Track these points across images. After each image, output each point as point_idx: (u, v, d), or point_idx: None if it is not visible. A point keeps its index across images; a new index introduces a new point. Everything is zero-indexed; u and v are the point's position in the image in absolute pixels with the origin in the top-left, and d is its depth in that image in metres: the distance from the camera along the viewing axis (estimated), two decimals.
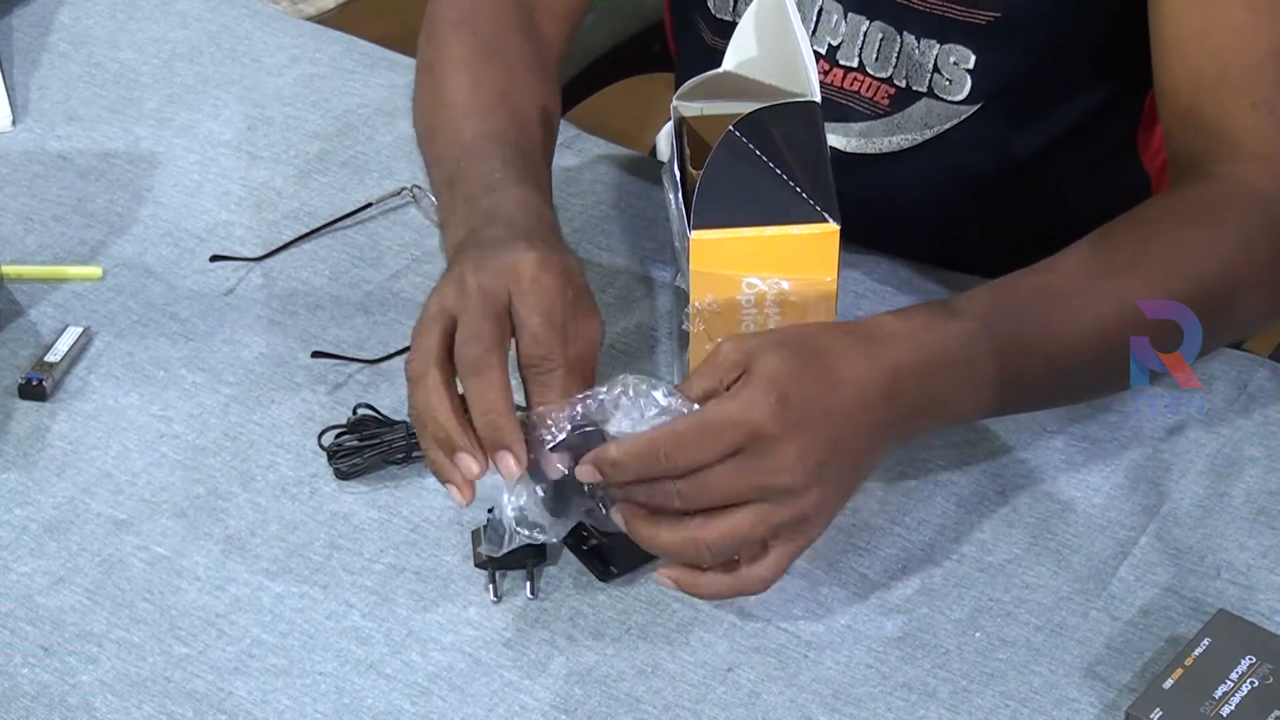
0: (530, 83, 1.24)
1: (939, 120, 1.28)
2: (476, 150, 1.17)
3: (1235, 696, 0.99)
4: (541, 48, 1.28)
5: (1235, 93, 1.14)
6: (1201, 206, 1.13)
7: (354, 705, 1.04)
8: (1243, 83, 1.14)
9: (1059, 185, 1.33)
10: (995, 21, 1.22)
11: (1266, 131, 1.14)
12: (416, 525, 1.14)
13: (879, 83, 1.29)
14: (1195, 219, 1.13)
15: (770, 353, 0.99)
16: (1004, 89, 1.26)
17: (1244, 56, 1.13)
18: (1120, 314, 1.08)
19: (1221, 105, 1.14)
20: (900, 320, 1.04)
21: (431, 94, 1.25)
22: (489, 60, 1.25)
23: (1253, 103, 1.14)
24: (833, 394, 0.99)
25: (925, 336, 1.03)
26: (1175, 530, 1.12)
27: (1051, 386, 1.11)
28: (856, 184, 1.25)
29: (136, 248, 1.35)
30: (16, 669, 1.07)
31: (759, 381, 0.98)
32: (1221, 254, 1.11)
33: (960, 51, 1.24)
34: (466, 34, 1.27)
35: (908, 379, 1.02)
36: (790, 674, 1.05)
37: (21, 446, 1.20)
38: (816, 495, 1.00)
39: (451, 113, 1.22)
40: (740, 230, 1.05)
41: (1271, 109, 1.13)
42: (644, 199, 1.36)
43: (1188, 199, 1.14)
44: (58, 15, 1.58)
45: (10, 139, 1.45)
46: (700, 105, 1.14)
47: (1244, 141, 1.14)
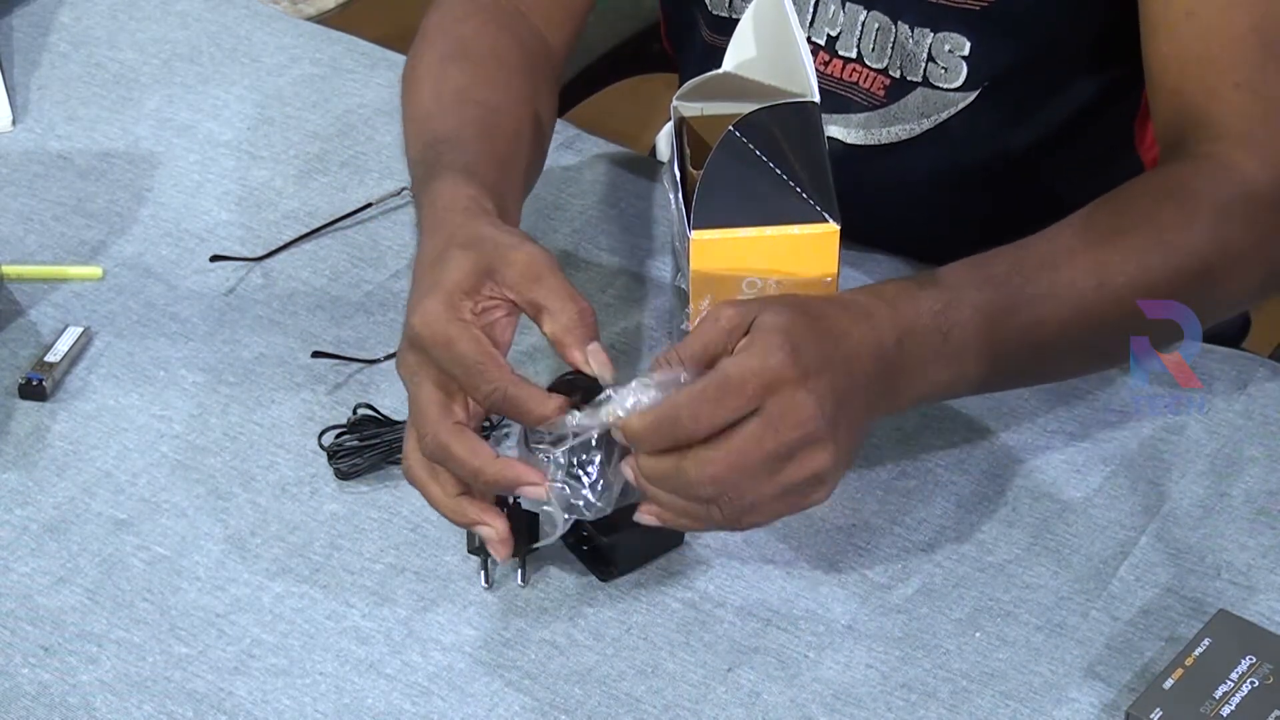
0: (501, 79, 1.23)
1: (935, 109, 1.28)
2: (425, 158, 1.16)
3: (1235, 696, 0.99)
4: (527, 45, 1.27)
5: (1219, 73, 1.14)
6: (1179, 183, 1.13)
7: (354, 705, 1.04)
8: (1227, 63, 1.14)
9: (1057, 178, 1.34)
10: (989, 8, 1.23)
11: (1249, 111, 1.14)
12: (416, 525, 1.14)
13: (875, 73, 1.29)
14: (1172, 195, 1.13)
15: (771, 310, 0.99)
16: (1000, 77, 1.26)
17: (1228, 36, 1.14)
18: (1099, 287, 1.08)
19: (1206, 85, 1.15)
20: (874, 291, 1.05)
21: (404, 102, 1.25)
22: (454, 62, 1.24)
23: (1236, 82, 1.14)
24: (836, 347, 1.00)
25: (900, 304, 1.04)
26: (1175, 530, 1.12)
27: (1032, 357, 1.10)
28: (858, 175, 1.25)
29: (136, 248, 1.35)
30: (16, 669, 1.07)
31: (769, 334, 0.98)
32: (1197, 231, 1.11)
33: (955, 39, 1.25)
34: (440, 38, 1.27)
35: (888, 345, 1.02)
36: (790, 674, 1.05)
37: (21, 446, 1.20)
38: (831, 451, 0.99)
39: (413, 123, 1.22)
40: (740, 230, 1.05)
41: (1254, 89, 1.14)
42: (644, 199, 1.36)
43: (1167, 176, 1.15)
44: (58, 15, 1.58)
45: (10, 139, 1.45)
46: (700, 105, 1.14)
47: (1227, 121, 1.14)
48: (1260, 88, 1.14)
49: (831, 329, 1.00)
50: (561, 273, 1.04)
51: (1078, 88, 1.30)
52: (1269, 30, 1.14)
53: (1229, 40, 1.14)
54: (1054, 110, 1.30)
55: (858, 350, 1.01)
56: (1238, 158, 1.13)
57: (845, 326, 1.01)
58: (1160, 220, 1.11)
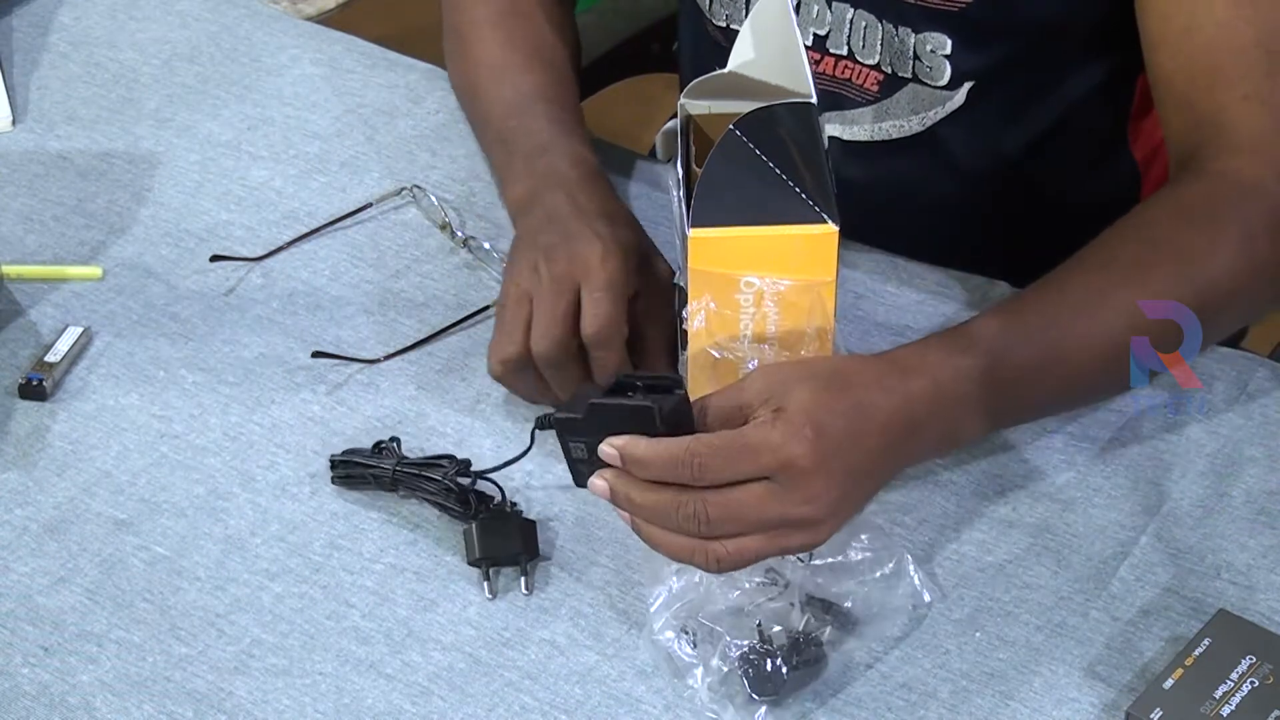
0: (558, 40, 1.34)
1: (925, 106, 1.29)
2: (521, 108, 1.28)
3: (1235, 696, 0.99)
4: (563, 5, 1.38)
5: (1226, 85, 1.15)
6: (1203, 206, 1.13)
7: (354, 705, 1.04)
8: (1233, 75, 1.14)
9: (1051, 176, 1.34)
10: (968, 8, 1.23)
11: (1260, 122, 1.14)
12: (416, 525, 1.14)
13: (868, 69, 1.29)
14: (1197, 220, 1.13)
15: (802, 385, 1.00)
16: (986, 76, 1.27)
17: (1231, 49, 1.14)
18: (1130, 325, 1.09)
19: (1214, 98, 1.15)
20: (916, 353, 1.05)
21: (466, 55, 1.35)
22: (516, 20, 1.35)
23: (1244, 94, 1.14)
24: (860, 425, 1.00)
25: (941, 374, 1.04)
26: (1175, 530, 1.12)
27: (1060, 404, 1.15)
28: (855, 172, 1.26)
29: (136, 248, 1.35)
30: (16, 669, 1.07)
31: (795, 414, 0.98)
32: (1225, 255, 1.11)
33: (937, 38, 1.25)
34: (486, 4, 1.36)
35: (921, 413, 1.03)
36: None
37: (21, 446, 1.20)
38: (829, 528, 1.01)
39: (490, 71, 1.32)
40: (739, 229, 1.05)
41: (1263, 99, 1.14)
42: (644, 199, 1.36)
43: (1188, 199, 1.14)
44: (58, 15, 1.58)
45: (10, 139, 1.45)
46: (707, 104, 1.14)
47: (1239, 133, 1.14)
48: (1269, 98, 1.14)
49: (857, 402, 1.01)
50: None
51: (1069, 86, 1.30)
52: (1272, 41, 1.14)
53: (1234, 52, 1.14)
54: (1046, 109, 1.30)
55: (884, 422, 1.01)
56: (1253, 172, 1.13)
57: (872, 398, 1.01)
58: (1187, 249, 1.11)
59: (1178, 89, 1.17)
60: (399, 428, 1.19)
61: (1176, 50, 1.16)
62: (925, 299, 1.27)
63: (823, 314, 1.07)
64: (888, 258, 1.30)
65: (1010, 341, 1.07)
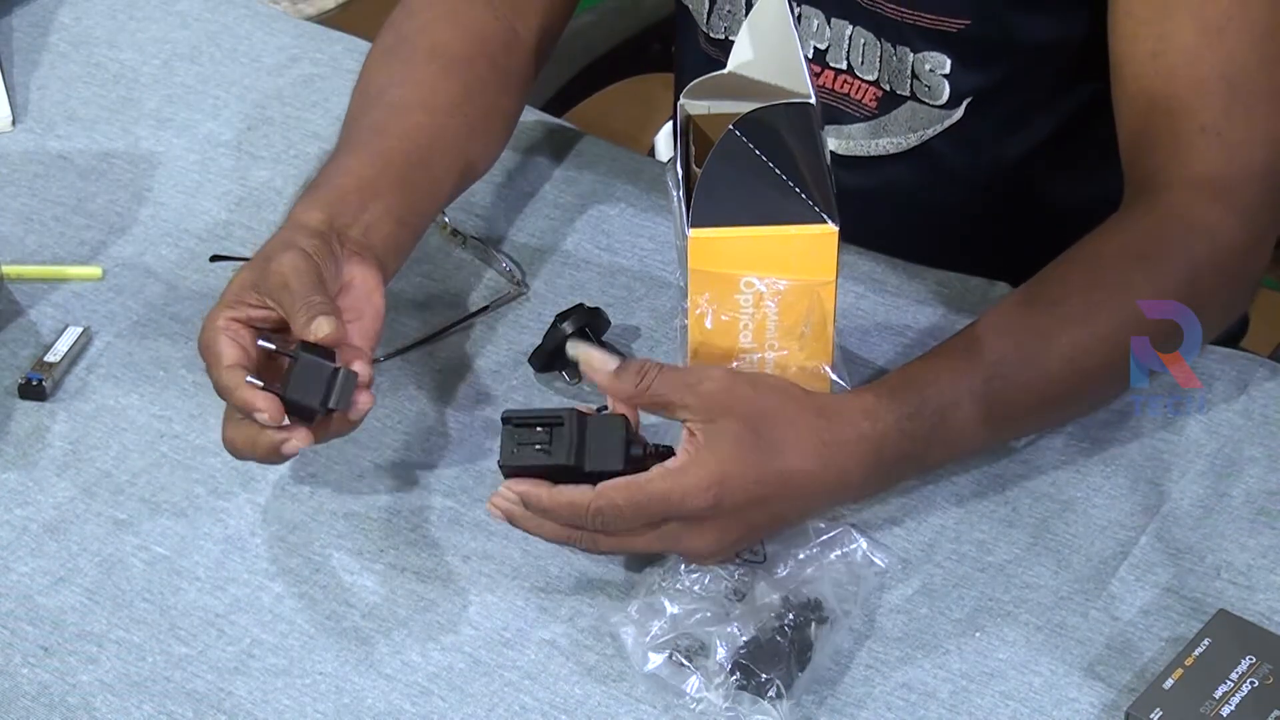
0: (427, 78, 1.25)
1: (923, 124, 1.29)
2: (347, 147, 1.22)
3: (1235, 696, 0.99)
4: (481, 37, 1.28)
5: (1185, 114, 1.15)
6: (1149, 244, 1.14)
7: (354, 705, 1.04)
8: (1192, 105, 1.14)
9: (1046, 184, 1.34)
10: (966, 29, 1.23)
11: (1214, 155, 1.14)
12: (416, 525, 1.14)
13: (867, 85, 1.29)
14: (1144, 258, 1.14)
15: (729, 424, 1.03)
16: (985, 94, 1.26)
17: (1193, 79, 1.14)
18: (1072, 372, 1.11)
19: (1172, 126, 1.15)
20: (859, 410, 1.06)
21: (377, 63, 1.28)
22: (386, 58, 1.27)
23: (1201, 125, 1.14)
24: (770, 491, 1.03)
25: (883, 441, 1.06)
26: (1175, 530, 1.12)
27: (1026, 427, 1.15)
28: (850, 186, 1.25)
29: (136, 248, 1.35)
30: (16, 669, 1.07)
31: (707, 461, 1.02)
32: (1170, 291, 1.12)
33: (935, 58, 1.25)
34: (389, 30, 1.29)
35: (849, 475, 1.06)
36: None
37: (21, 446, 1.20)
38: (718, 560, 1.06)
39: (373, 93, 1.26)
40: (739, 229, 1.05)
41: (1219, 132, 1.14)
42: (644, 199, 1.36)
43: (1135, 233, 1.15)
44: (58, 15, 1.58)
45: (10, 139, 1.45)
46: (707, 104, 1.14)
47: (1192, 164, 1.15)
48: (1226, 132, 1.14)
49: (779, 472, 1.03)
50: (312, 275, 1.08)
51: (1066, 100, 1.29)
52: (1235, 75, 1.14)
53: (1195, 82, 1.14)
54: (1042, 122, 1.30)
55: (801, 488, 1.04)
56: (1201, 210, 1.14)
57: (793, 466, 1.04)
58: (1130, 288, 1.12)
59: (1138, 113, 1.17)
60: (399, 428, 1.19)
61: (1140, 73, 1.16)
62: (925, 299, 1.27)
63: (822, 314, 1.08)
64: (887, 258, 1.30)
65: (966, 381, 1.08)
